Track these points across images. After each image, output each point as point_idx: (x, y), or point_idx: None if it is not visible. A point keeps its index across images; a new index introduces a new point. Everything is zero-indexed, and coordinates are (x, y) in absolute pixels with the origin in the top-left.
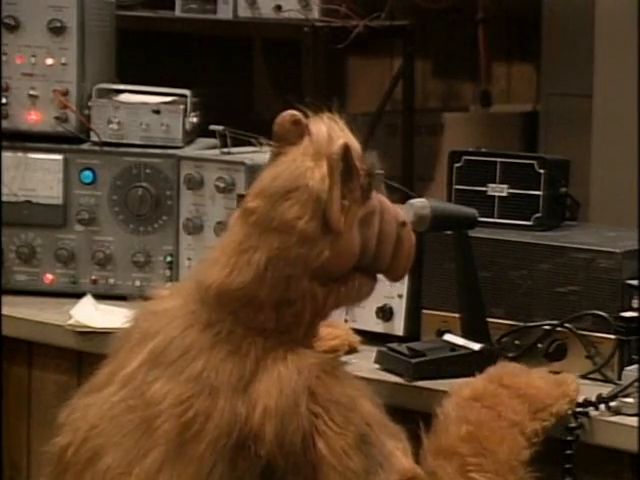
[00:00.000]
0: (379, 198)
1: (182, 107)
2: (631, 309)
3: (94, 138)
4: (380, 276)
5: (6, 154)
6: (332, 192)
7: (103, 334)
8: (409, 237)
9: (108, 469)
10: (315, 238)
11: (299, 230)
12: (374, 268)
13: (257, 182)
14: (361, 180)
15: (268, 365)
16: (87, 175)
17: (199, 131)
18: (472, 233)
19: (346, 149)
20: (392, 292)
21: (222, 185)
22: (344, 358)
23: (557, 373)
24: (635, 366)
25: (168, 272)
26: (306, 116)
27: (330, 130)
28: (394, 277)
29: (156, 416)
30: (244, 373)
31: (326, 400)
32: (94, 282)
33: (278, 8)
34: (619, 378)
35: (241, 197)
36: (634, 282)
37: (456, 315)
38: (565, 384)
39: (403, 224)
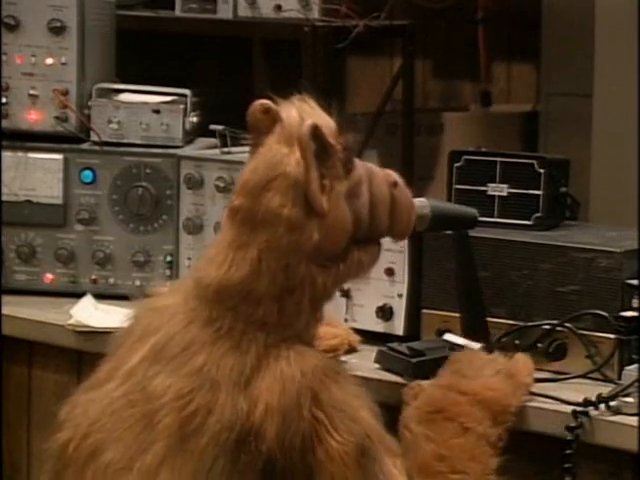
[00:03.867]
0: (365, 166)
1: (182, 107)
2: (631, 309)
3: (94, 138)
4: (380, 276)
5: (6, 154)
6: (309, 174)
7: (103, 334)
8: (404, 195)
9: (109, 464)
10: (302, 223)
11: (284, 218)
12: (373, 236)
13: (239, 178)
14: (339, 155)
15: (270, 362)
16: (87, 175)
17: (199, 131)
18: (472, 233)
19: (314, 128)
20: (392, 291)
21: (222, 185)
22: (344, 358)
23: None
24: (635, 366)
25: (168, 272)
26: (277, 103)
27: (300, 112)
28: (397, 237)
29: (157, 410)
30: (245, 369)
31: (329, 406)
32: (94, 282)
33: (278, 8)
34: (619, 378)
35: None
36: (634, 282)
37: (456, 315)
38: (518, 374)
39: (395, 184)
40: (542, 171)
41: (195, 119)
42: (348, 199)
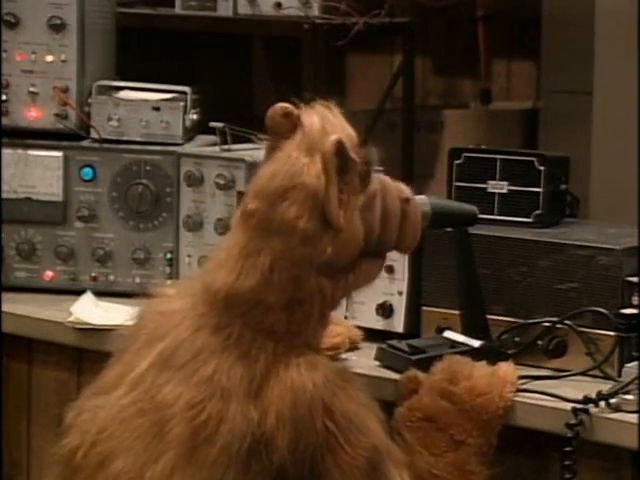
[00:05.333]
0: (379, 179)
1: (182, 104)
2: (631, 306)
3: (94, 135)
4: (379, 276)
5: (6, 151)
6: (329, 190)
7: (103, 331)
8: (414, 211)
9: (120, 473)
10: (317, 237)
11: (300, 230)
12: (381, 249)
13: (255, 181)
14: (358, 169)
15: (280, 371)
16: (87, 172)
17: (199, 128)
18: (472, 230)
19: (339, 145)
20: (392, 289)
21: (222, 182)
22: (345, 355)
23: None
24: (635, 363)
25: (168, 269)
26: (298, 107)
27: (323, 121)
28: (402, 251)
29: (167, 419)
30: (255, 377)
31: (340, 417)
32: (94, 279)
33: (278, 5)
34: (619, 375)
35: (241, 194)
36: (634, 279)
37: (456, 312)
38: (502, 372)
39: (406, 200)
40: (542, 168)
41: (195, 116)
42: (362, 212)
